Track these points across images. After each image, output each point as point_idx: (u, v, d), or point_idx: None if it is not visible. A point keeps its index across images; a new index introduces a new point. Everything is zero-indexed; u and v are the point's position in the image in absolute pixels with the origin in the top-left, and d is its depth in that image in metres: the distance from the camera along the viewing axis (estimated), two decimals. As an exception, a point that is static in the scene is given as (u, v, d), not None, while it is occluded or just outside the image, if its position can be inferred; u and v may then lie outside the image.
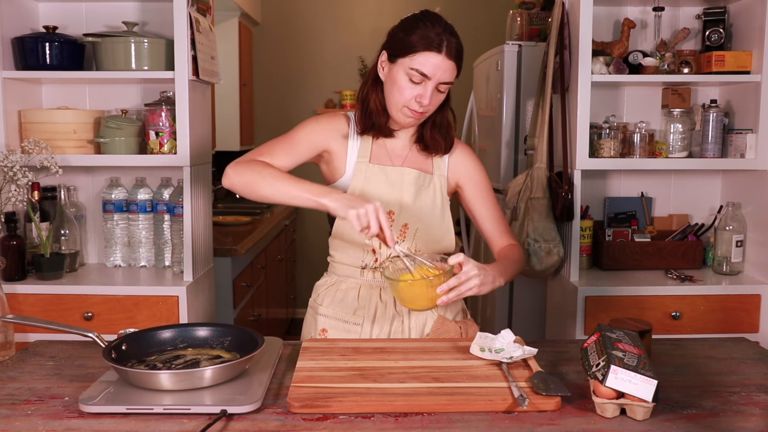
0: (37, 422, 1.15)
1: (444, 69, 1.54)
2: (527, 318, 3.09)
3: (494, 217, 1.74)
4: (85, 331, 1.39)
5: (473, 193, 1.74)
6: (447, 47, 1.54)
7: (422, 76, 1.54)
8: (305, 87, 5.04)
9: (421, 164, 1.70)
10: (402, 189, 1.65)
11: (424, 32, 1.54)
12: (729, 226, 2.53)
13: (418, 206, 1.65)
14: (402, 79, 1.56)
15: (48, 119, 2.38)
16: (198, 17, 2.38)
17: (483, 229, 1.75)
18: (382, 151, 1.68)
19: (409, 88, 1.56)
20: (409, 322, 1.67)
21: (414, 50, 1.54)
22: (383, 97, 1.64)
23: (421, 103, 1.56)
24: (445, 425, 1.14)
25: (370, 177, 1.65)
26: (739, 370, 1.42)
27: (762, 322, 2.42)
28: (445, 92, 1.60)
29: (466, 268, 1.46)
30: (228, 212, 4.01)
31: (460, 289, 1.45)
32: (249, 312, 3.38)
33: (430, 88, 1.55)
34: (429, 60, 1.53)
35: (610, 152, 2.52)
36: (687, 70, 2.50)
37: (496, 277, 1.54)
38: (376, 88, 1.65)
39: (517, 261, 1.67)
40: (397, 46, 1.58)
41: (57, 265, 2.36)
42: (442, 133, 1.69)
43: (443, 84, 1.57)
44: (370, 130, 1.66)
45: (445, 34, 1.54)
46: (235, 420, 1.16)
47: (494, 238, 1.73)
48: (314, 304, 1.75)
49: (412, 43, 1.54)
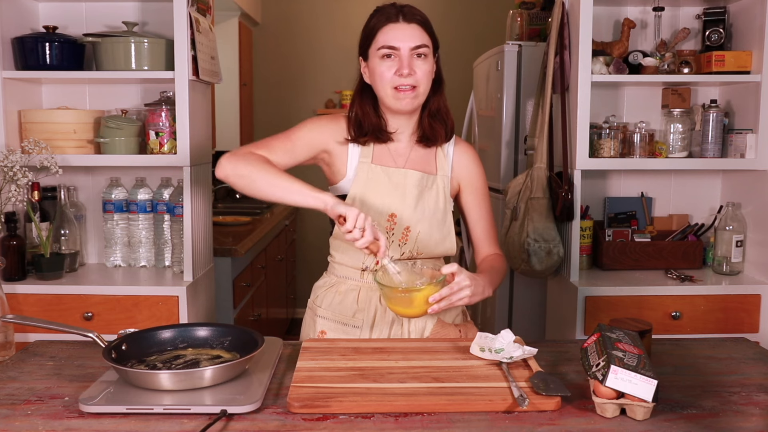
0: (37, 422, 1.15)
1: (409, 34, 1.57)
2: (527, 318, 3.09)
3: (486, 224, 1.75)
4: (85, 331, 1.39)
5: (470, 197, 1.74)
6: (403, 14, 1.58)
7: (390, 48, 1.57)
8: (305, 87, 5.04)
9: (425, 165, 1.69)
10: (405, 191, 1.64)
11: (377, 15, 1.60)
12: (729, 226, 2.53)
13: (420, 209, 1.64)
14: (378, 65, 1.59)
15: (48, 119, 2.38)
16: (198, 17, 2.38)
17: (472, 233, 1.76)
18: (385, 152, 1.68)
19: (386, 69, 1.58)
20: (409, 325, 1.66)
21: (374, 33, 1.59)
22: (370, 101, 1.66)
23: (402, 74, 1.56)
24: (445, 425, 1.14)
25: (372, 178, 1.64)
26: (739, 370, 1.42)
27: (762, 322, 2.42)
28: (426, 59, 1.59)
29: (459, 279, 1.47)
30: (228, 212, 4.00)
31: (451, 299, 1.46)
32: (249, 312, 3.38)
33: (405, 57, 1.56)
34: (389, 32, 1.57)
35: (610, 152, 2.52)
36: (687, 70, 2.50)
37: (486, 288, 1.56)
38: (361, 96, 1.67)
39: (502, 272, 1.70)
40: (363, 42, 1.63)
41: (57, 265, 2.36)
42: (439, 121, 1.68)
43: (417, 48, 1.57)
44: (364, 136, 1.65)
45: (396, 6, 1.59)
46: (235, 420, 1.16)
47: (482, 245, 1.75)
48: (313, 305, 1.75)
49: (371, 29, 1.60)
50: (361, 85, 1.67)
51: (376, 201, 1.62)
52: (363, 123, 1.65)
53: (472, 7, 4.91)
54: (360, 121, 1.65)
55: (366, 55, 1.63)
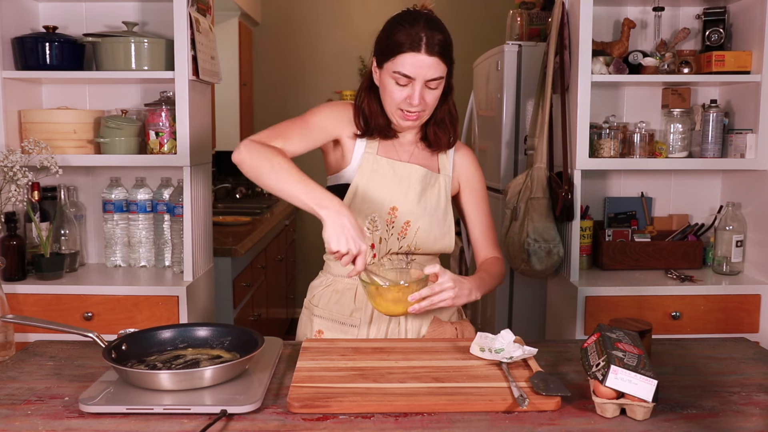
0: (37, 422, 1.15)
1: (427, 66, 1.52)
2: (527, 318, 3.09)
3: (485, 226, 1.75)
4: (85, 331, 1.39)
5: (470, 198, 1.74)
6: (426, 44, 1.51)
7: (406, 77, 1.53)
8: (305, 87, 5.04)
9: (428, 162, 1.70)
10: (408, 185, 1.64)
11: (402, 34, 1.52)
12: (729, 226, 2.53)
13: (422, 205, 1.64)
14: (389, 84, 1.56)
15: (48, 119, 2.38)
16: (198, 17, 2.38)
17: (472, 235, 1.76)
18: (390, 146, 1.68)
19: (397, 91, 1.55)
20: (406, 324, 1.66)
21: (394, 54, 1.53)
22: (377, 101, 1.64)
23: (412, 104, 1.55)
24: (445, 425, 1.14)
25: (377, 169, 1.64)
26: (739, 370, 1.42)
27: (762, 322, 2.42)
28: (437, 88, 1.57)
29: (441, 280, 1.48)
30: (228, 212, 4.00)
31: (432, 299, 1.47)
32: (249, 312, 3.38)
33: (418, 88, 1.53)
34: (409, 61, 1.52)
35: (610, 152, 2.52)
36: (687, 70, 2.50)
37: (473, 290, 1.55)
38: (370, 92, 1.65)
39: (497, 276, 1.68)
40: (381, 51, 1.58)
41: (57, 265, 2.36)
42: (443, 129, 1.68)
43: (432, 81, 1.54)
44: (371, 134, 1.65)
45: (424, 31, 1.52)
46: (235, 420, 1.16)
47: (481, 248, 1.74)
48: (309, 305, 1.74)
49: (392, 46, 1.53)
50: (370, 81, 1.65)
51: (379, 193, 1.62)
52: (370, 121, 1.64)
53: (472, 7, 4.91)
54: (367, 119, 1.65)
55: (380, 64, 1.59)
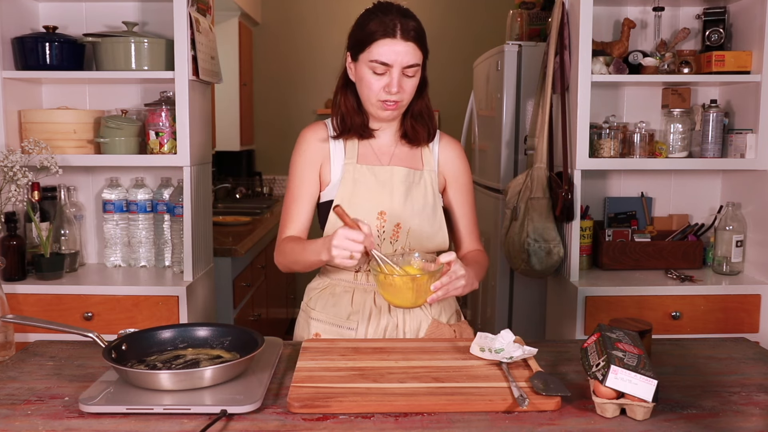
0: (37, 422, 1.15)
1: (403, 53, 1.54)
2: (527, 318, 3.09)
3: (469, 220, 1.76)
4: (85, 331, 1.39)
5: (455, 193, 1.75)
6: (401, 30, 1.54)
7: (383, 65, 1.55)
8: (305, 87, 5.04)
9: (410, 161, 1.69)
10: (392, 188, 1.64)
11: (375, 23, 1.55)
12: (729, 226, 2.53)
13: (409, 205, 1.64)
14: (367, 74, 1.57)
15: (48, 119, 2.38)
16: (198, 17, 2.38)
17: (456, 228, 1.77)
18: (369, 151, 1.68)
19: (375, 81, 1.57)
20: (404, 326, 1.65)
21: (369, 42, 1.55)
22: (353, 98, 1.65)
23: (390, 92, 1.56)
24: (445, 425, 1.14)
25: (359, 178, 1.64)
26: (739, 370, 1.42)
27: (762, 322, 2.42)
28: (414, 76, 1.59)
29: (455, 268, 1.47)
30: (228, 212, 4.01)
31: (448, 288, 1.46)
32: (249, 312, 3.38)
33: (396, 75, 1.55)
34: (384, 47, 1.54)
35: (610, 152, 2.52)
36: (687, 70, 2.50)
37: (473, 280, 1.56)
38: (345, 90, 1.67)
39: (485, 266, 1.72)
40: (355, 43, 1.60)
41: (57, 265, 2.36)
42: (421, 123, 1.68)
43: (409, 68, 1.56)
44: (347, 133, 1.66)
45: (397, 18, 1.54)
46: (235, 420, 1.16)
47: (465, 241, 1.76)
48: (306, 307, 1.74)
49: (366, 36, 1.56)
50: (345, 80, 1.67)
51: (364, 200, 1.62)
52: (346, 119, 1.65)
53: (472, 7, 4.91)
54: (343, 117, 1.65)
55: (356, 57, 1.61)
